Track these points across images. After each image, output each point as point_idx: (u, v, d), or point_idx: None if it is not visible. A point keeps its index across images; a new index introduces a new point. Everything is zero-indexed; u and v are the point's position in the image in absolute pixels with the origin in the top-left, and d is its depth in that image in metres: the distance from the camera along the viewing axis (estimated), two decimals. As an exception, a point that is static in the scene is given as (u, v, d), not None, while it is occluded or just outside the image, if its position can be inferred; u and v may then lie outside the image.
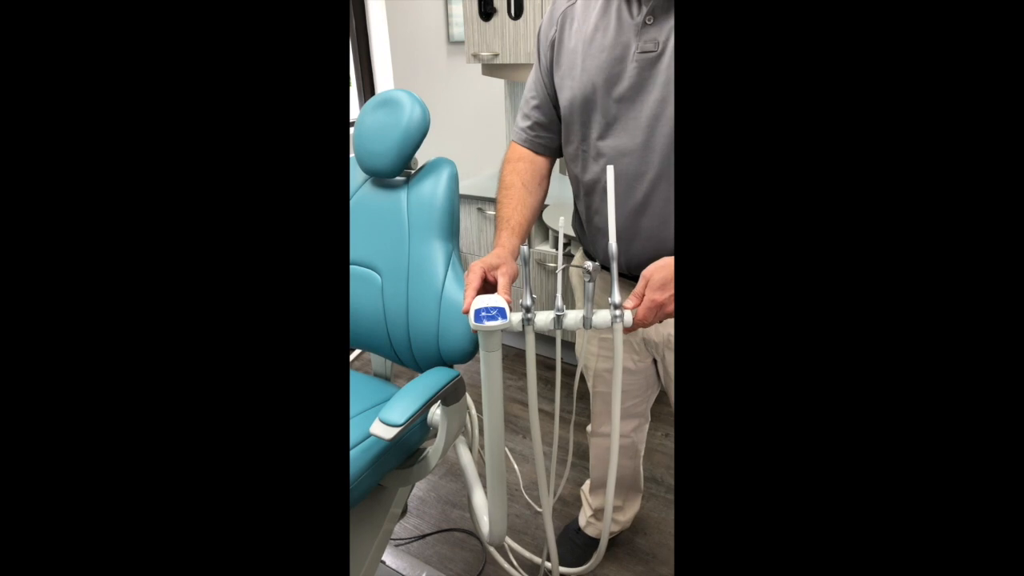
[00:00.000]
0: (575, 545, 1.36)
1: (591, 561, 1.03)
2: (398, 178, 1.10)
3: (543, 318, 0.77)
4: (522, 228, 0.91)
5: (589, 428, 1.26)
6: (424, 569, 1.34)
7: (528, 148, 0.98)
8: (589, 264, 0.70)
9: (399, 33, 2.52)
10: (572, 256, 1.81)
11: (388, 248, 1.07)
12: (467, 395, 1.14)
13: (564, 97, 0.90)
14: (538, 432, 0.86)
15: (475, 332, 0.75)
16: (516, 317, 0.76)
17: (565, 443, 1.66)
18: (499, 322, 0.73)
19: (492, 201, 2.01)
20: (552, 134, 0.97)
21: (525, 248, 0.74)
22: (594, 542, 1.37)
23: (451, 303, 1.00)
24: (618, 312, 0.72)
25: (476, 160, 2.44)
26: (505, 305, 0.76)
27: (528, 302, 0.75)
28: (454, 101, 2.44)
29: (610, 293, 0.73)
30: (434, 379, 0.94)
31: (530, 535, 1.46)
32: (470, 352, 0.99)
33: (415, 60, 2.51)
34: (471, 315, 0.75)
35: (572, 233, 1.12)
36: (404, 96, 1.05)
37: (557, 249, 1.13)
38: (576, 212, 1.02)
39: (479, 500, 1.12)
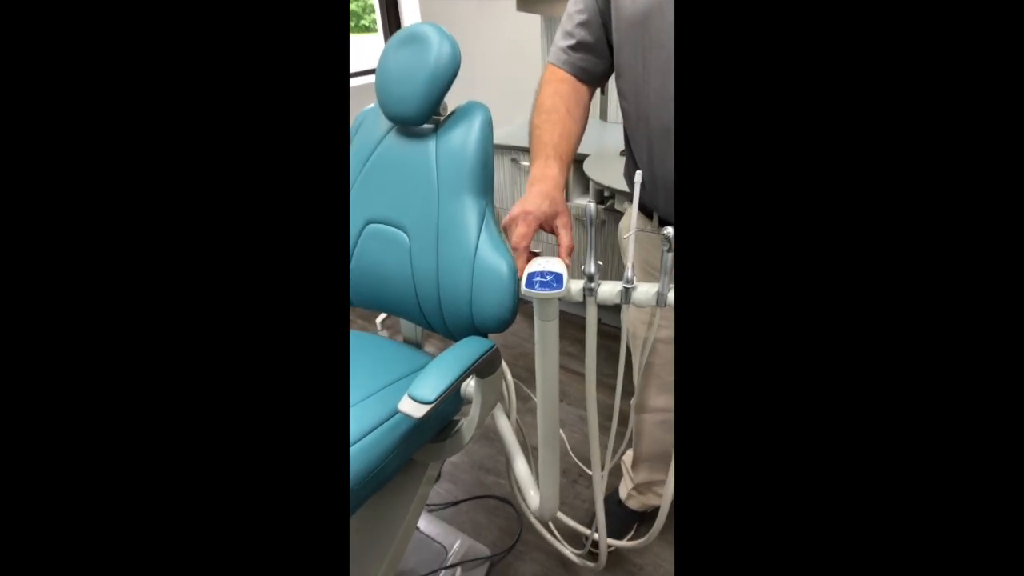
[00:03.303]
0: (615, 517, 1.31)
1: (645, 537, 0.97)
2: (426, 126, 0.98)
3: (608, 289, 0.67)
4: (569, 158, 0.79)
5: (633, 401, 1.18)
6: (458, 537, 1.30)
7: (569, 72, 0.84)
8: (669, 230, 0.59)
9: (426, -33, 2.34)
10: (613, 208, 1.68)
11: (416, 205, 0.97)
12: (503, 363, 1.07)
13: (622, 13, 0.76)
14: (594, 411, 0.78)
15: (527, 299, 0.66)
16: (576, 285, 0.67)
17: (608, 410, 1.59)
18: (555, 291, 0.64)
19: (526, 151, 1.87)
20: (599, 59, 0.83)
21: (592, 205, 0.63)
22: (635, 515, 1.31)
23: (485, 267, 0.90)
24: None
25: (509, 106, 2.28)
26: (564, 270, 0.66)
27: (592, 269, 0.65)
28: (485, 40, 2.27)
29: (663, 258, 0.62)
30: (467, 350, 0.85)
31: (568, 504, 1.41)
32: (507, 321, 0.90)
33: (444, -3, 2.34)
34: (523, 279, 0.66)
35: (616, 185, 0.99)
36: (431, 31, 0.92)
37: (631, 207, 1.01)
38: (631, 158, 0.89)
39: (522, 470, 1.06)
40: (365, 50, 2.93)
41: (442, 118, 0.98)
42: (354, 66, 2.51)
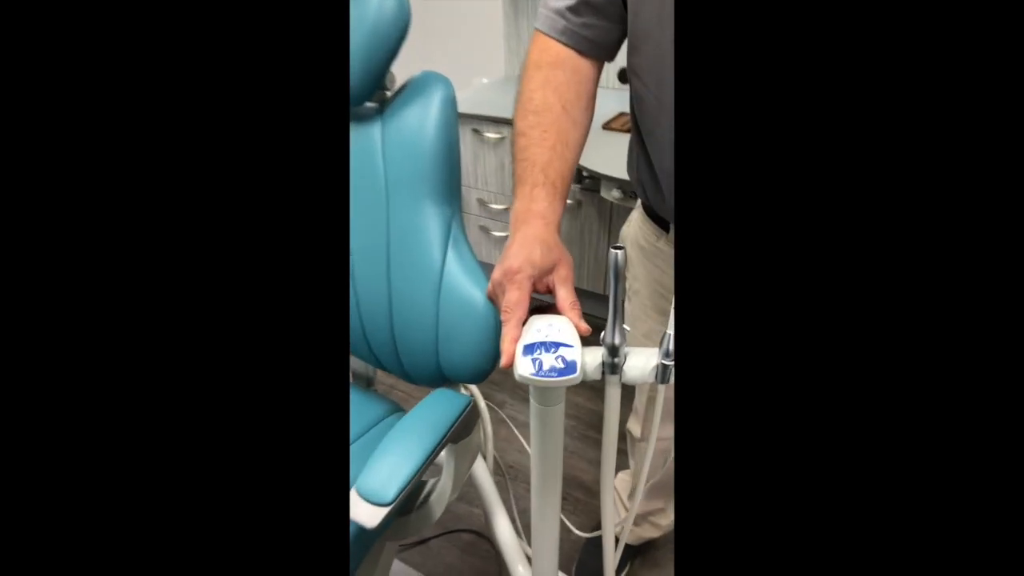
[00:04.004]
0: (607, 553, 1.15)
1: None
2: (368, 105, 0.74)
3: (639, 365, 0.47)
4: (566, 182, 0.57)
5: (633, 428, 1.01)
6: (428, 586, 1.12)
7: (567, 45, 0.60)
8: None
9: None
10: (597, 190, 1.47)
11: (357, 212, 0.74)
12: (480, 412, 0.87)
13: None
14: (611, 526, 0.59)
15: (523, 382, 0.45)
16: (593, 358, 0.46)
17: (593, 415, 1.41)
18: (566, 377, 0.43)
19: (492, 121, 1.62)
20: (609, 23, 0.59)
21: (619, 253, 0.42)
22: (630, 549, 1.16)
23: (455, 298, 0.69)
24: None
25: (468, 67, 2.00)
26: (575, 338, 0.46)
27: (616, 339, 0.45)
28: (437, -12, 1.97)
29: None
30: (435, 417, 0.65)
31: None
32: (485, 371, 0.69)
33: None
34: (517, 354, 0.45)
35: (599, 168, 0.78)
36: (369, -27, 0.66)
37: (640, 214, 0.78)
38: (641, 149, 0.67)
39: (506, 535, 0.88)
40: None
41: (389, 94, 0.74)
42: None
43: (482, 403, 1.03)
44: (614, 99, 1.61)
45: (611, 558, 0.68)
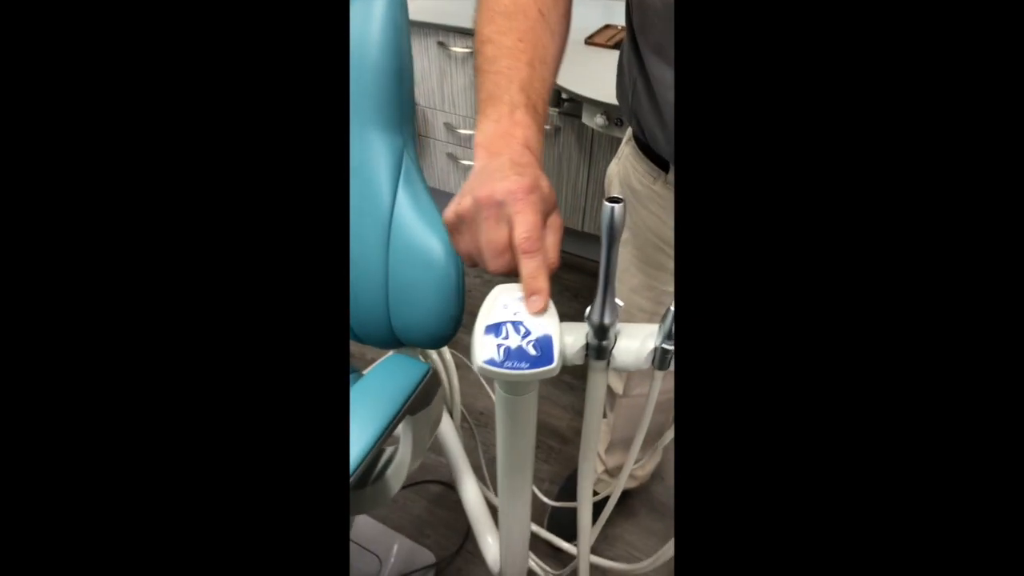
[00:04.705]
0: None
1: (651, 558, 0.76)
2: (293, 2, 0.58)
3: (633, 348, 0.37)
4: (546, 107, 0.45)
5: (613, 383, 0.94)
6: (395, 541, 1.08)
7: None
8: None
9: None
10: (578, 116, 1.32)
11: (288, 142, 0.60)
12: (444, 362, 0.78)
13: None
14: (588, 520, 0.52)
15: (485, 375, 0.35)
16: (575, 339, 0.37)
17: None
18: (537, 367, 0.34)
19: (460, 33, 1.43)
20: None
21: (617, 207, 0.31)
22: (602, 503, 1.13)
23: (407, 247, 0.57)
24: None
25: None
26: (552, 315, 0.36)
27: (605, 317, 0.35)
28: None
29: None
30: (389, 387, 0.56)
31: (523, 483, 1.20)
32: (446, 336, 0.59)
33: None
34: (477, 336, 0.35)
35: (581, 90, 0.65)
36: None
37: (629, 149, 0.66)
38: (640, 73, 0.55)
39: (474, 503, 0.82)
40: None
41: (321, -12, 0.59)
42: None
43: (447, 354, 0.94)
44: (597, 8, 1.43)
45: (586, 537, 0.62)
